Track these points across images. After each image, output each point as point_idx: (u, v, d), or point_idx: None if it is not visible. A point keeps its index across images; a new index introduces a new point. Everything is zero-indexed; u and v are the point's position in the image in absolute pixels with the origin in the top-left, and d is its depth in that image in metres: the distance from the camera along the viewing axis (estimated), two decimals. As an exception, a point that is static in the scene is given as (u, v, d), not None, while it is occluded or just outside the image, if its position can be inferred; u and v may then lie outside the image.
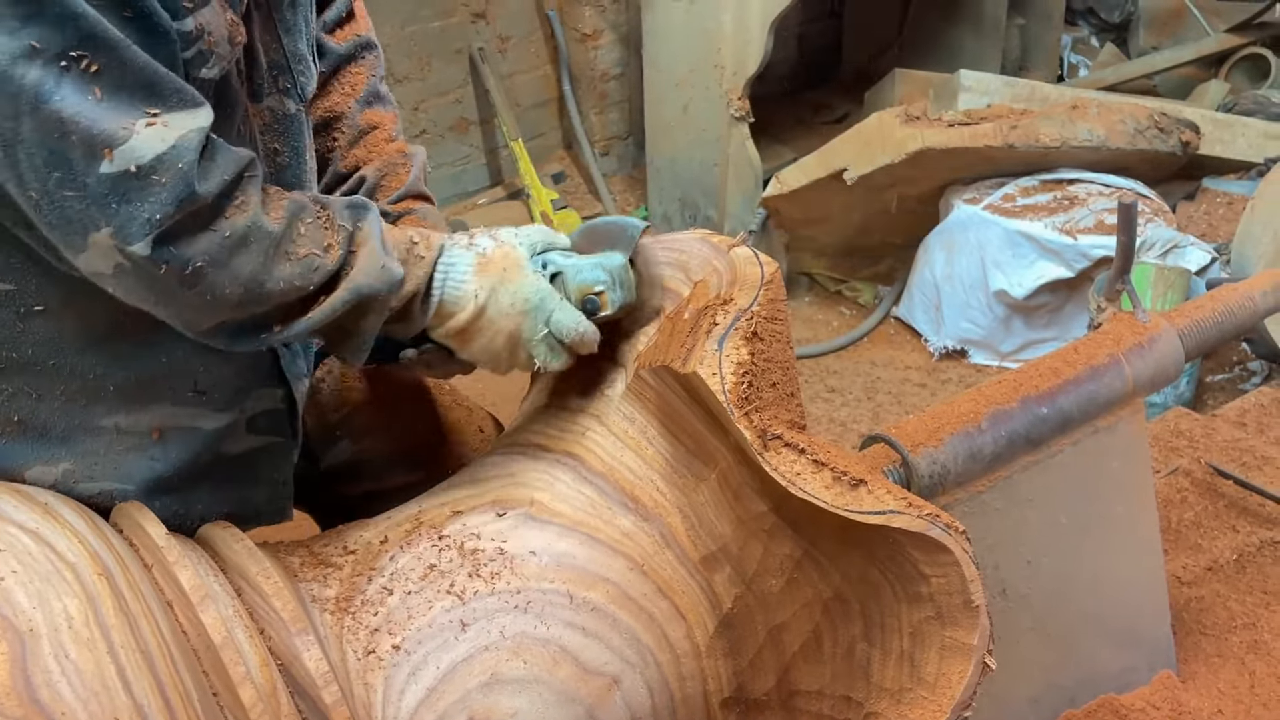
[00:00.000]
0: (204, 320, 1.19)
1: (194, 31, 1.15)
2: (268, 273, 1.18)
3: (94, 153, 1.05)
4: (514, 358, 1.35)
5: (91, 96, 1.04)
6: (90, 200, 1.06)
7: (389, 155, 1.62)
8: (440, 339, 1.35)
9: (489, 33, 4.80)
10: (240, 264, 1.15)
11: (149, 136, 1.07)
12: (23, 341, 1.24)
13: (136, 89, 1.07)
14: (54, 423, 1.29)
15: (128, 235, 1.08)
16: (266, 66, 1.35)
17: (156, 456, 1.35)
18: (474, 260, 1.32)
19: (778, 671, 1.36)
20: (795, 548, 1.28)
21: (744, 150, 4.37)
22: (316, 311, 1.23)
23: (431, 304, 1.31)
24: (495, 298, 1.31)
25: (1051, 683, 1.79)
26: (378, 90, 1.64)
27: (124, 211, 1.07)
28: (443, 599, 1.29)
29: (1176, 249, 3.38)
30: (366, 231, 1.26)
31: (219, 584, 1.20)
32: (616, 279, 1.37)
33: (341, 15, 1.61)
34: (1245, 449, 2.58)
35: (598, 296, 1.36)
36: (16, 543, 1.10)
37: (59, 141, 1.04)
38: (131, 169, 1.06)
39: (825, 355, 4.06)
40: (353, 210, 1.27)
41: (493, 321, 1.32)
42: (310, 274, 1.21)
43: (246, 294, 1.17)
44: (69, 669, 1.01)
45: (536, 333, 1.33)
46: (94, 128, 1.04)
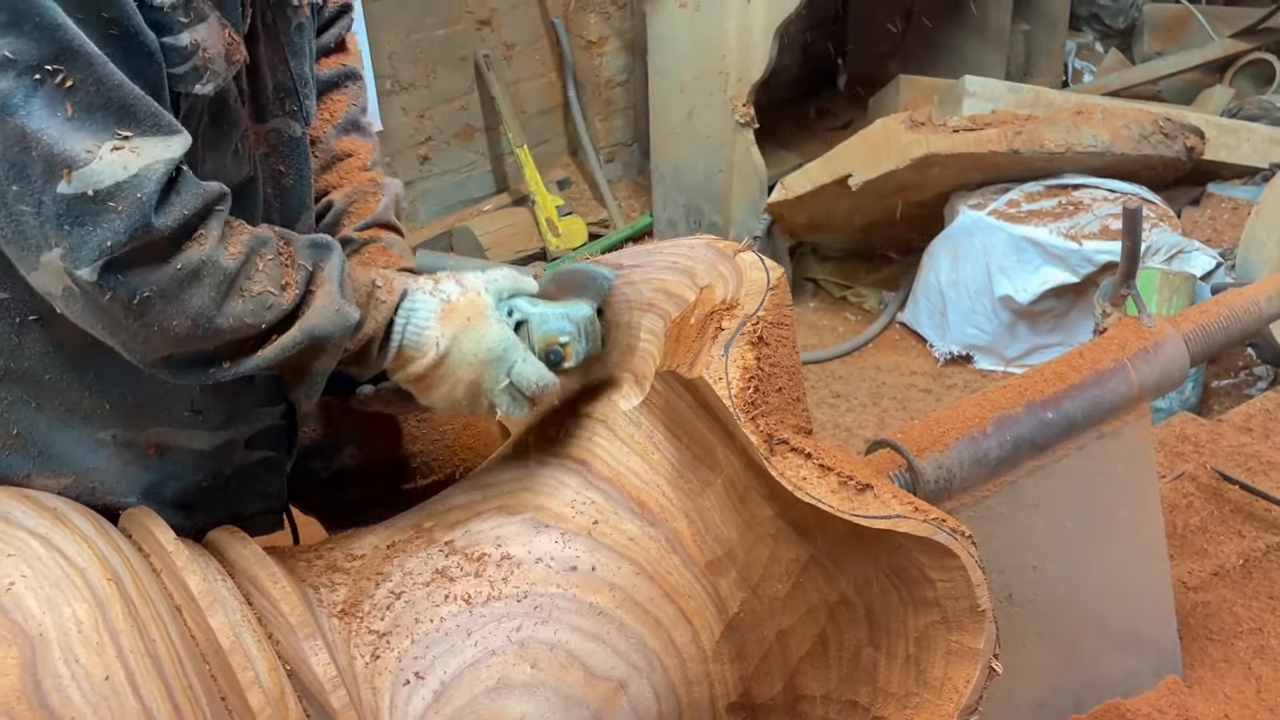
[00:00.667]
0: (150, 352, 1.17)
1: (188, 47, 1.14)
2: (218, 309, 1.15)
3: (53, 171, 1.04)
4: (474, 406, 1.34)
5: (61, 113, 1.03)
6: (44, 218, 1.05)
7: (359, 183, 1.61)
8: (400, 384, 1.34)
9: (494, 40, 4.80)
10: (190, 298, 1.13)
11: (111, 162, 1.05)
12: (20, 353, 1.24)
13: (110, 109, 1.06)
14: (54, 438, 1.29)
15: (77, 259, 1.06)
16: (273, 88, 1.35)
17: (154, 470, 1.34)
18: (437, 307, 1.30)
19: (784, 676, 1.36)
20: (801, 552, 1.29)
21: (749, 156, 4.37)
22: (268, 350, 1.21)
23: (390, 348, 1.29)
24: (458, 346, 1.29)
25: (1057, 687, 1.79)
26: (356, 120, 1.63)
27: (75, 234, 1.06)
28: (450, 604, 1.30)
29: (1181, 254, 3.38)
30: (326, 272, 1.24)
31: (227, 589, 1.21)
32: (582, 330, 1.35)
33: (330, 46, 1.62)
34: (1251, 454, 2.57)
35: (562, 348, 1.34)
36: (26, 548, 1.10)
37: (20, 155, 1.03)
38: (89, 193, 1.05)
39: (830, 361, 4.06)
40: (314, 250, 1.25)
41: (453, 370, 1.30)
42: (263, 312, 1.19)
43: (195, 328, 1.15)
44: (78, 673, 1.02)
45: (498, 383, 1.31)
46: (55, 146, 1.03)
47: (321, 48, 1.60)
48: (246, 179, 1.34)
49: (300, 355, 1.23)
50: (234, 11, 1.22)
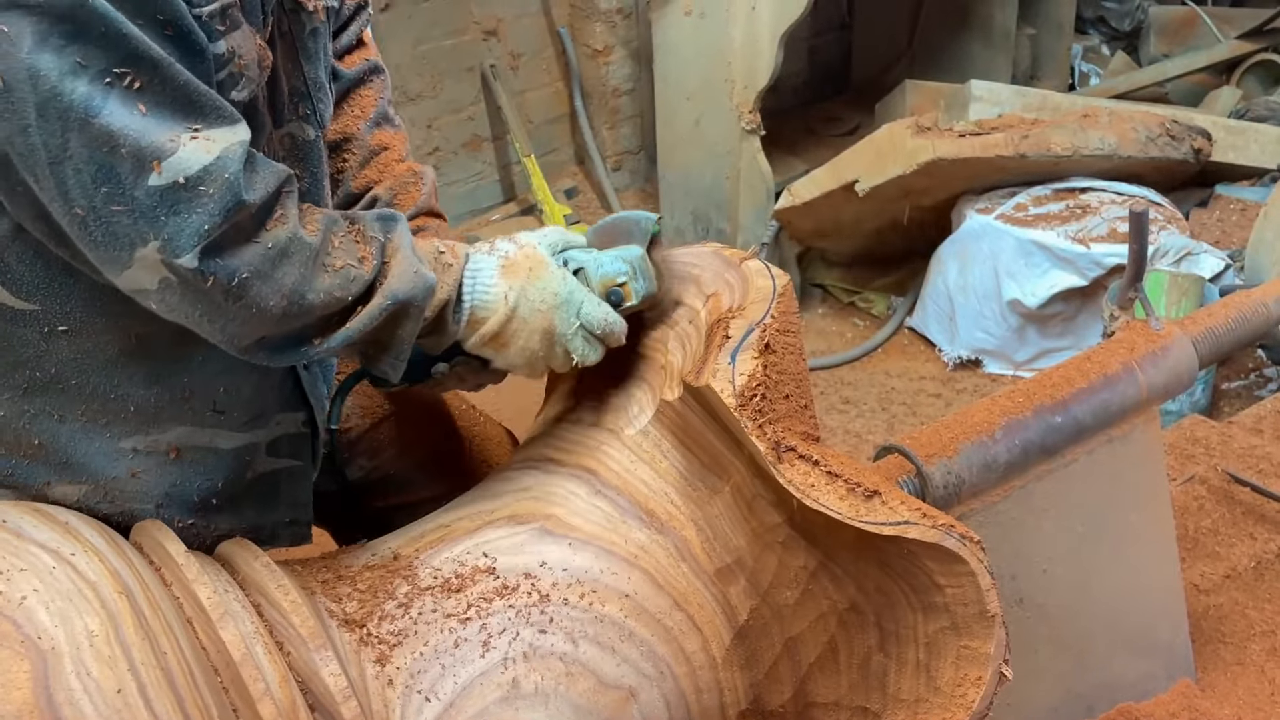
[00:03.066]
0: (248, 334, 1.20)
1: (226, 54, 1.17)
2: (308, 284, 1.19)
3: (143, 165, 1.06)
4: (550, 356, 1.36)
5: (137, 112, 1.05)
6: (139, 214, 1.08)
7: (400, 174, 1.63)
8: (475, 349, 1.35)
9: (500, 50, 4.82)
10: (283, 275, 1.17)
11: (195, 149, 1.08)
12: (46, 361, 1.25)
13: (178, 105, 1.08)
14: (75, 448, 1.30)
15: (176, 247, 1.09)
16: (288, 93, 1.37)
17: (175, 476, 1.36)
18: (498, 263, 1.33)
19: (794, 683, 1.36)
20: (810, 559, 1.29)
21: (755, 163, 4.38)
22: (355, 321, 1.24)
23: (464, 311, 1.32)
24: (525, 297, 1.32)
25: (1069, 692, 1.79)
26: (386, 112, 1.66)
27: (173, 223, 1.08)
28: (460, 614, 1.30)
29: (1190, 256, 3.38)
30: (397, 241, 1.27)
31: (238, 601, 1.21)
32: (638, 269, 1.38)
33: (352, 43, 1.63)
34: (1262, 455, 2.57)
35: (621, 288, 1.37)
36: (38, 561, 1.11)
37: (108, 155, 1.05)
38: (180, 180, 1.07)
39: (839, 366, 4.05)
40: (383, 222, 1.29)
41: (526, 321, 1.33)
42: (349, 284, 1.22)
43: (290, 306, 1.18)
44: (90, 687, 1.02)
45: (570, 326, 1.34)
46: (142, 140, 1.05)
47: (343, 47, 1.62)
48: None
49: (385, 324, 1.25)
50: (256, 18, 1.24)
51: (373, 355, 1.31)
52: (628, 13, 4.90)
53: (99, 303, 1.22)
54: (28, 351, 1.24)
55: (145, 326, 1.25)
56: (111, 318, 1.24)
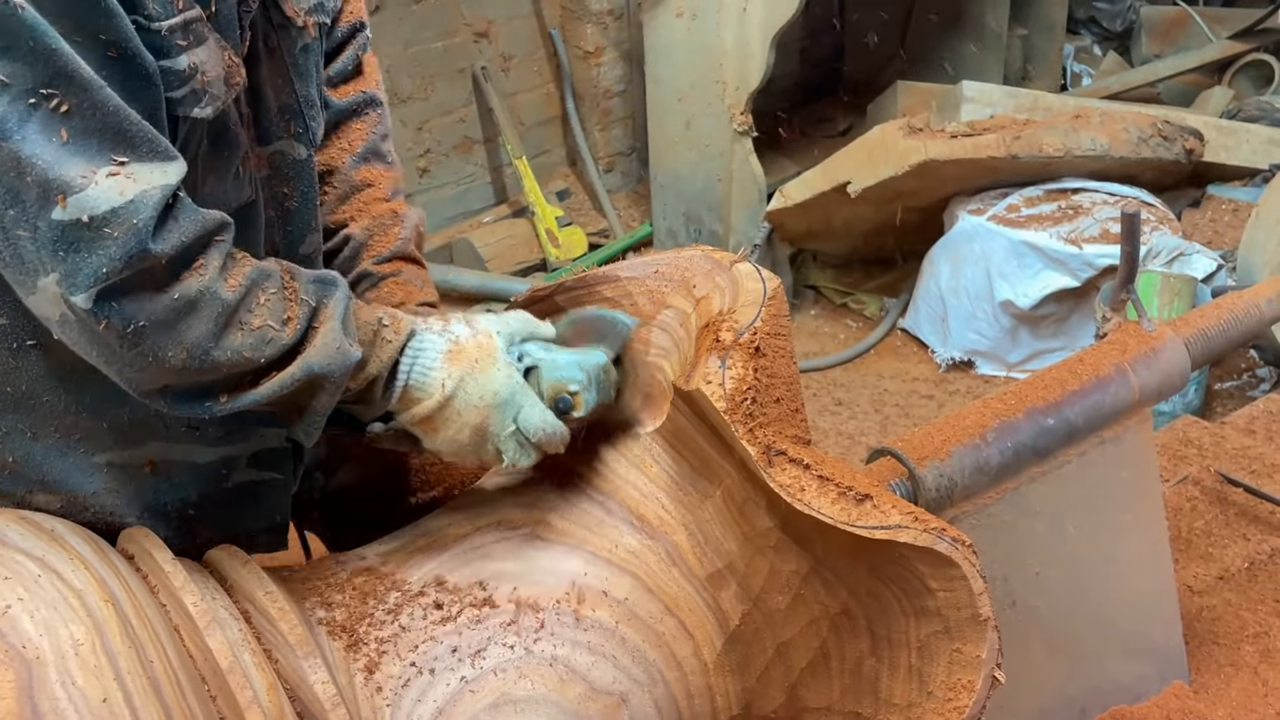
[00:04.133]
0: (146, 382, 1.15)
1: (187, 70, 1.13)
2: (215, 341, 1.14)
3: (48, 197, 1.03)
4: (480, 451, 1.31)
5: (56, 138, 1.02)
6: (40, 244, 1.04)
7: (378, 214, 1.58)
8: (405, 425, 1.31)
9: (492, 52, 4.81)
10: (186, 329, 1.12)
11: (108, 188, 1.04)
12: (17, 377, 1.23)
13: (106, 134, 1.05)
14: (50, 464, 1.28)
15: (73, 285, 1.05)
16: (276, 110, 1.34)
17: (151, 489, 1.34)
18: (445, 347, 1.28)
19: (786, 688, 1.36)
20: (801, 564, 1.28)
21: (747, 164, 4.38)
22: (266, 385, 1.19)
23: (395, 389, 1.27)
24: (463, 389, 1.27)
25: (1062, 694, 1.78)
26: (378, 148, 1.60)
27: (71, 260, 1.04)
28: (449, 621, 1.29)
29: (1182, 257, 3.38)
30: (330, 309, 1.22)
31: (225, 608, 1.20)
32: (593, 379, 1.33)
33: (348, 70, 1.58)
34: (1255, 456, 2.57)
35: (571, 396, 1.32)
36: (23, 570, 1.10)
37: (15, 180, 1.02)
38: (84, 219, 1.03)
39: (832, 368, 4.05)
40: (319, 285, 1.24)
41: (459, 414, 1.28)
42: (263, 346, 1.17)
43: (190, 360, 1.13)
44: (75, 696, 1.01)
45: (504, 428, 1.28)
46: (50, 172, 1.02)
47: (338, 74, 1.57)
48: (248, 202, 1.32)
49: (299, 392, 1.21)
50: (232, 34, 1.21)
51: (287, 417, 1.26)
52: (619, 14, 4.89)
53: None
54: None
55: None
56: None
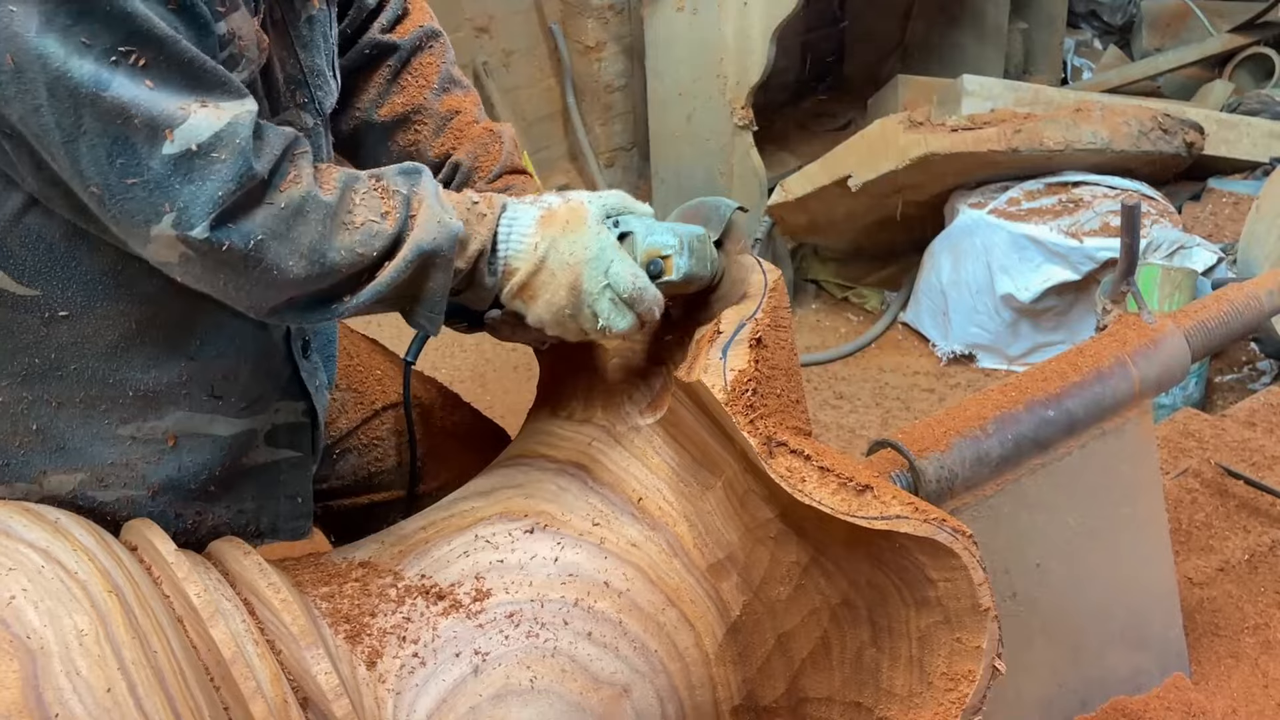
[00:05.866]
0: (272, 297, 1.20)
1: (226, 35, 1.18)
2: (328, 243, 1.19)
3: (156, 134, 1.07)
4: (578, 315, 1.31)
5: (144, 86, 1.07)
6: (154, 185, 1.09)
7: (477, 136, 1.61)
8: (507, 302, 1.33)
9: (492, 47, 4.80)
10: (299, 235, 1.17)
11: (205, 116, 1.09)
12: (46, 346, 1.25)
13: (184, 79, 1.09)
14: (71, 433, 1.30)
15: (189, 219, 1.10)
16: (284, 81, 1.37)
17: (172, 463, 1.35)
18: (537, 214, 1.31)
19: (787, 678, 1.36)
20: (802, 554, 1.28)
21: (748, 159, 4.37)
22: (383, 276, 1.23)
23: (498, 261, 1.30)
24: (555, 249, 1.29)
25: (1062, 686, 1.79)
26: (451, 75, 1.64)
27: (187, 192, 1.09)
28: (452, 611, 1.30)
29: (1182, 250, 3.38)
30: (422, 193, 1.26)
31: (229, 599, 1.21)
32: (686, 245, 1.33)
33: (398, 14, 1.62)
34: (1255, 449, 2.57)
35: (664, 260, 1.32)
36: (27, 561, 1.10)
37: (121, 127, 1.06)
38: (192, 147, 1.08)
39: (833, 362, 4.05)
40: (406, 175, 1.28)
41: (553, 274, 1.29)
42: (371, 240, 1.21)
43: (310, 266, 1.18)
44: (80, 686, 1.02)
45: (597, 284, 1.29)
46: (154, 109, 1.07)
47: (390, 20, 1.61)
48: None
49: (415, 277, 1.24)
50: (250, 2, 1.25)
51: (408, 309, 1.29)
52: (620, 9, 4.89)
53: (99, 288, 1.23)
54: (27, 338, 1.25)
55: (145, 312, 1.25)
56: (111, 303, 1.24)
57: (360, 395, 1.69)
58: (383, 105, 1.61)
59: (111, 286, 1.22)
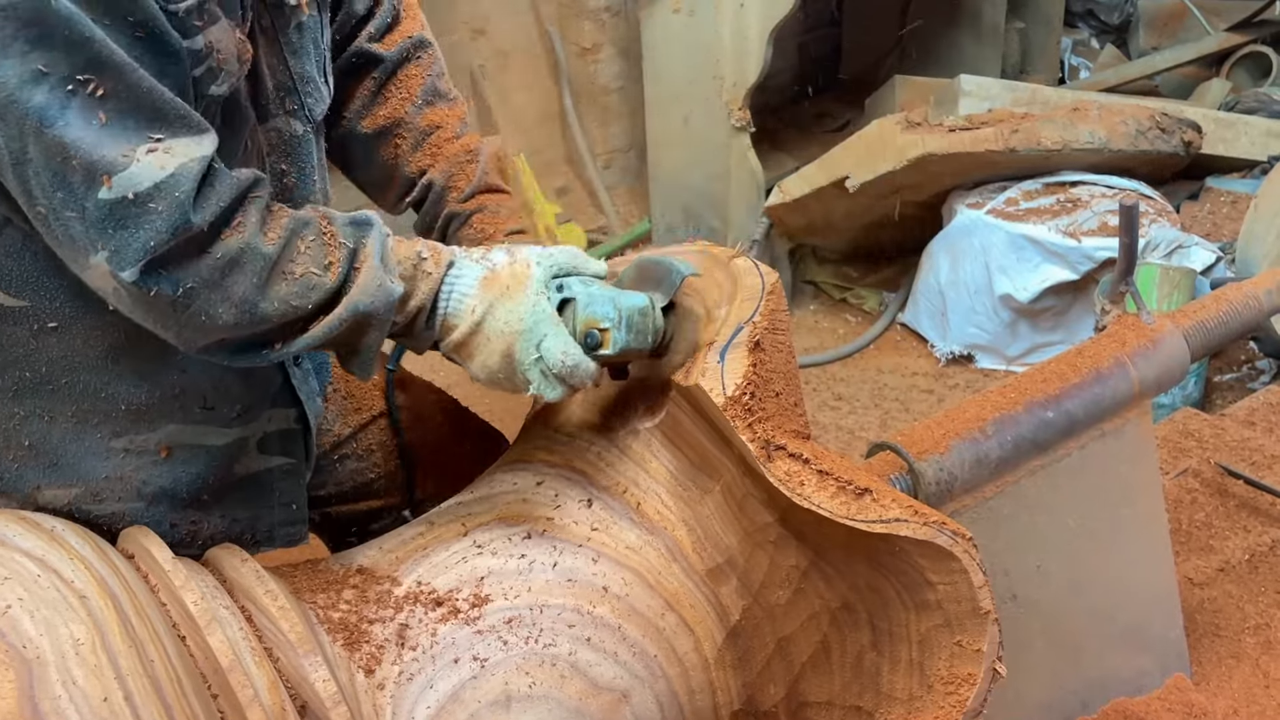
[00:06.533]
0: (201, 339, 1.19)
1: (204, 49, 1.17)
2: (261, 294, 1.17)
3: (93, 179, 1.06)
4: (511, 379, 1.31)
5: (96, 121, 1.05)
6: (89, 224, 1.08)
7: (453, 154, 1.61)
8: (446, 353, 1.33)
9: (489, 49, 4.80)
10: (233, 285, 1.15)
11: (148, 164, 1.08)
12: (36, 359, 1.25)
13: (142, 114, 1.08)
14: (65, 449, 1.30)
15: (121, 261, 1.09)
16: (273, 88, 1.36)
17: (166, 474, 1.35)
18: (481, 274, 1.30)
19: (787, 682, 1.36)
20: (801, 558, 1.28)
21: (746, 160, 4.37)
22: (316, 329, 1.22)
23: (436, 318, 1.30)
24: (491, 314, 1.29)
25: (1063, 688, 1.78)
26: (436, 88, 1.63)
27: (119, 237, 1.08)
28: (451, 617, 1.29)
29: (1181, 249, 3.37)
30: (369, 249, 1.25)
31: (226, 607, 1.20)
32: (625, 319, 1.31)
33: (387, 22, 1.61)
34: (1255, 448, 2.57)
35: (600, 333, 1.30)
36: (23, 570, 1.10)
37: (61, 165, 1.05)
38: (129, 195, 1.07)
39: (832, 363, 4.05)
40: (356, 227, 1.27)
41: (488, 339, 1.29)
42: (308, 293, 1.20)
43: (241, 315, 1.17)
44: (76, 695, 1.01)
45: (528, 355, 1.28)
46: (93, 154, 1.05)
47: (379, 29, 1.59)
48: None
49: (349, 332, 1.24)
50: (234, 13, 1.24)
51: (341, 356, 1.30)
52: (616, 11, 4.88)
53: (87, 299, 1.22)
54: (17, 351, 1.25)
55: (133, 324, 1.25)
56: (100, 314, 1.24)
57: (357, 401, 1.68)
58: (365, 117, 1.61)
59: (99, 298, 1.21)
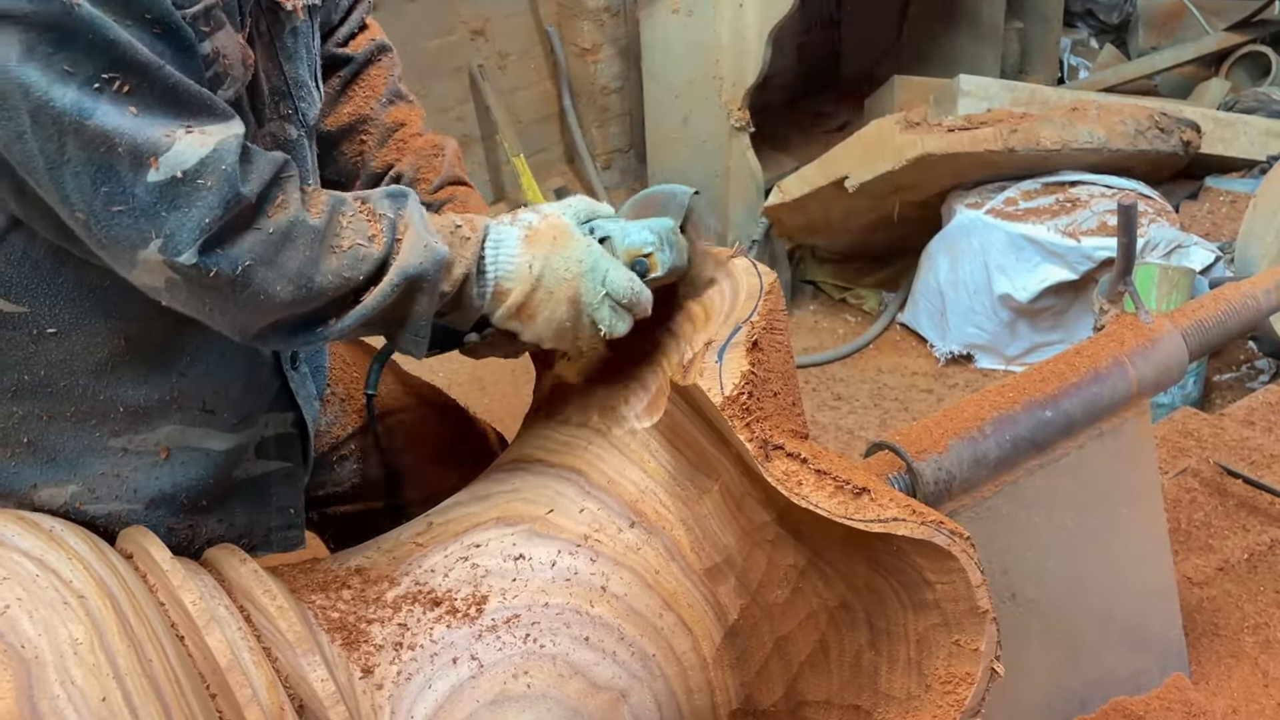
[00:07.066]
0: (259, 320, 1.19)
1: (210, 55, 1.18)
2: (315, 267, 1.19)
3: (140, 162, 1.07)
4: (579, 326, 1.32)
5: (128, 114, 1.06)
6: (139, 212, 1.08)
7: (420, 149, 1.63)
8: (501, 323, 1.33)
9: (488, 49, 4.80)
10: (287, 260, 1.17)
11: (190, 143, 1.09)
12: (35, 363, 1.25)
13: (169, 105, 1.09)
14: (63, 445, 1.30)
15: (176, 245, 1.09)
16: (268, 92, 1.36)
17: (165, 476, 1.35)
18: (521, 234, 1.31)
19: (785, 682, 1.36)
20: (799, 558, 1.28)
21: (745, 160, 4.37)
22: (368, 300, 1.23)
23: (487, 284, 1.30)
24: (549, 266, 1.29)
25: (1062, 687, 1.78)
26: (398, 89, 1.66)
27: (173, 219, 1.09)
28: (449, 617, 1.29)
29: (1180, 249, 3.38)
30: (409, 217, 1.26)
31: (224, 606, 1.20)
32: (665, 240, 1.35)
33: (355, 29, 1.64)
34: (1254, 447, 2.57)
35: (646, 259, 1.34)
36: (21, 570, 1.10)
37: (106, 155, 1.06)
38: (178, 174, 1.08)
39: (831, 363, 4.05)
40: (393, 199, 1.28)
41: (551, 291, 1.30)
42: (358, 264, 1.21)
43: (297, 290, 1.18)
44: (75, 695, 1.01)
45: (596, 294, 1.30)
46: (137, 137, 1.06)
47: (347, 34, 1.63)
48: None
49: (400, 301, 1.24)
50: (235, 19, 1.25)
51: (393, 333, 1.30)
52: (616, 11, 4.89)
53: (87, 305, 1.23)
54: (16, 354, 1.25)
55: (134, 328, 1.25)
56: (100, 320, 1.24)
57: (356, 402, 1.68)
58: (330, 115, 1.62)
59: (99, 304, 1.22)
